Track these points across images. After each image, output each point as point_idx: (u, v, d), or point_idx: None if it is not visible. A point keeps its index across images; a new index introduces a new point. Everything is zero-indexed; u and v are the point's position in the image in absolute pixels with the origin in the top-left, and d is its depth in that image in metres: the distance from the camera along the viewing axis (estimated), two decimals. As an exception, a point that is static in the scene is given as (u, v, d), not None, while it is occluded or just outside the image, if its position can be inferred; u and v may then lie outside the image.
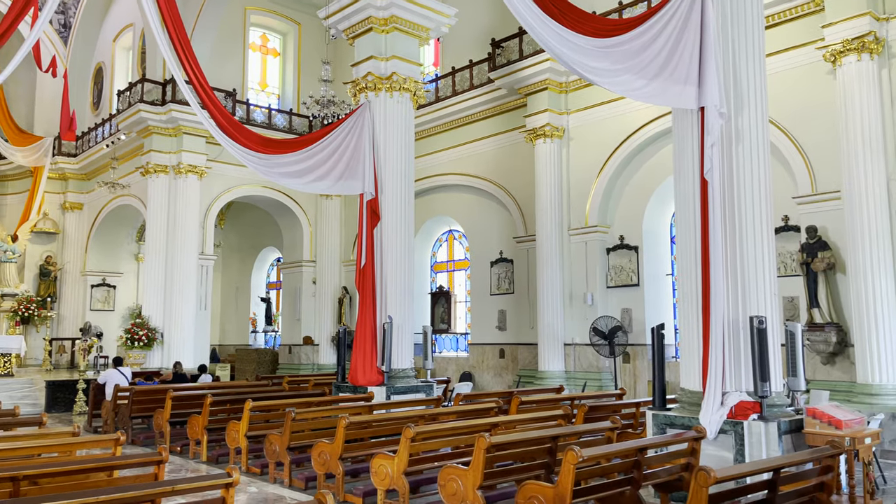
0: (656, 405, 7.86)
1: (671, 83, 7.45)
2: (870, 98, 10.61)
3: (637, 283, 14.53)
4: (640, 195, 14.70)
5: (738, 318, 7.30)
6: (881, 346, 10.19)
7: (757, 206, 7.53)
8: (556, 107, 15.38)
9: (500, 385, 16.36)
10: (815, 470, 5.72)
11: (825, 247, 11.20)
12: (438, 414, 9.06)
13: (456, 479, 6.12)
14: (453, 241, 19.54)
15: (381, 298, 11.38)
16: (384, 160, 11.81)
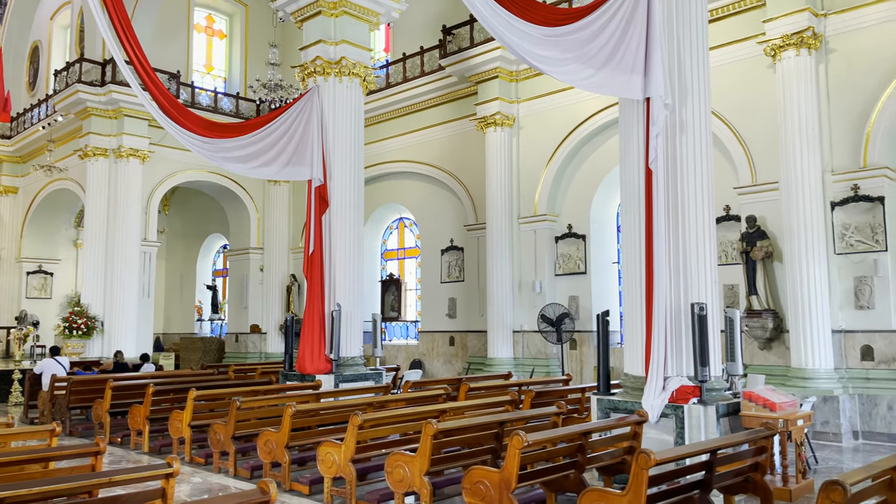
0: (601, 390, 8.01)
1: (618, 73, 7.55)
2: (807, 92, 10.95)
3: (584, 271, 14.75)
4: (588, 184, 14.89)
5: (679, 305, 7.48)
6: (814, 332, 10.59)
7: (699, 196, 7.71)
8: (506, 95, 15.44)
9: (449, 372, 16.44)
10: (750, 451, 5.92)
11: (764, 236, 11.56)
12: (387, 401, 9.05)
13: (403, 465, 6.13)
14: (404, 229, 19.49)
15: (330, 286, 11.28)
16: (333, 146, 11.67)
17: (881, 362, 10.46)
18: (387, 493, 6.53)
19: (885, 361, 10.44)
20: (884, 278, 10.50)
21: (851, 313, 10.73)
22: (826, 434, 10.18)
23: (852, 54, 10.94)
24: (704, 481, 5.40)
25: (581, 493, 4.91)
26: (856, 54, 10.91)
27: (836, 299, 10.81)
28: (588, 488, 4.99)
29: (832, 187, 10.98)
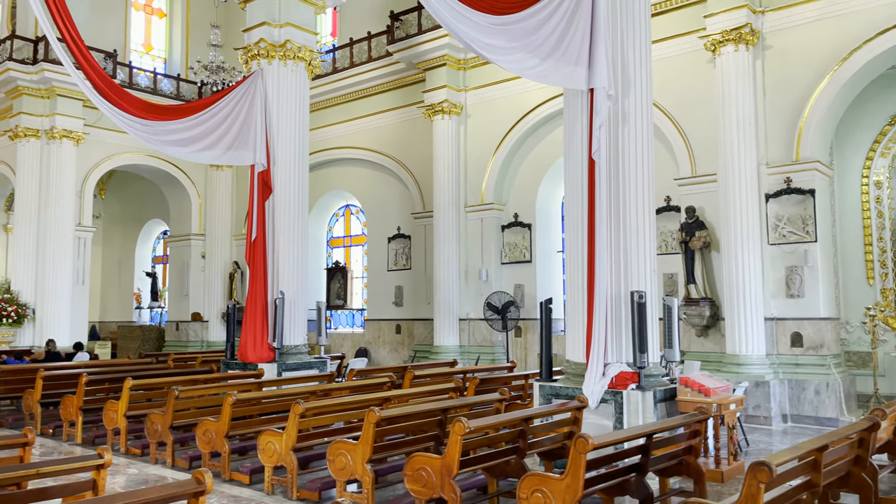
0: (543, 377, 8.12)
1: (563, 63, 7.61)
2: (744, 87, 11.27)
3: (530, 259, 14.91)
4: (534, 174, 15.03)
5: (620, 293, 7.63)
6: (748, 319, 10.96)
7: (640, 187, 7.85)
8: (454, 83, 15.42)
9: (395, 360, 16.43)
10: (684, 434, 6.09)
11: (702, 226, 11.88)
12: (331, 389, 8.99)
13: (345, 453, 6.10)
14: (350, 216, 19.32)
15: (273, 273, 11.10)
16: (277, 131, 11.45)
17: (809, 348, 10.91)
18: (329, 482, 6.49)
19: (812, 348, 10.89)
20: (813, 268, 10.93)
21: (783, 302, 11.15)
22: (757, 417, 10.57)
23: (788, 51, 11.30)
24: (641, 464, 5.53)
25: (521, 478, 4.97)
26: (791, 51, 11.27)
27: (769, 288, 11.20)
28: (528, 473, 5.06)
29: (767, 180, 11.35)
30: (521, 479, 4.97)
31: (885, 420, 6.45)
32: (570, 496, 4.71)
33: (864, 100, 11.75)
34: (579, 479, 4.69)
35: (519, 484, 4.96)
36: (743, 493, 3.99)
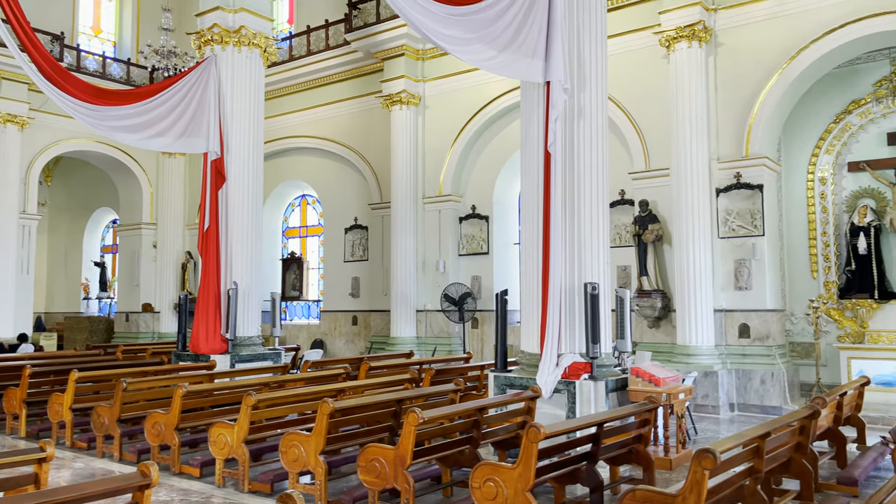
0: (498, 367, 8.18)
1: (520, 56, 7.64)
2: (697, 83, 11.48)
3: (487, 251, 14.97)
4: (492, 166, 15.08)
5: (574, 285, 7.73)
6: (698, 311, 11.21)
7: (595, 180, 7.96)
8: (412, 74, 15.35)
9: (352, 352, 16.35)
10: (634, 423, 6.21)
11: (655, 220, 12.09)
12: (285, 381, 8.89)
13: (298, 445, 6.04)
14: (306, 207, 19.11)
15: (226, 263, 10.92)
16: (231, 118, 11.24)
17: (756, 339, 11.22)
18: (281, 473, 6.43)
19: (759, 339, 11.20)
20: (760, 261, 11.23)
21: (731, 294, 11.43)
22: (706, 406, 10.84)
23: (739, 48, 11.55)
24: (591, 453, 5.62)
25: (474, 468, 5.00)
26: (742, 48, 11.52)
27: (719, 281, 11.48)
28: (481, 463, 5.10)
29: (717, 175, 11.60)
30: (473, 469, 5.00)
31: (826, 408, 6.69)
32: (522, 485, 4.76)
33: (811, 98, 12.09)
34: (531, 468, 4.74)
35: (472, 473, 4.99)
36: (688, 480, 4.09)
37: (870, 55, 11.70)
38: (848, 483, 6.33)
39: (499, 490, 4.83)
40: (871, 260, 11.52)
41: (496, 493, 4.83)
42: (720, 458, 4.12)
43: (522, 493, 4.76)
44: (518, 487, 4.77)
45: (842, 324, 11.88)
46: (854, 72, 12.07)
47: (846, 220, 12.03)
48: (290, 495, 2.97)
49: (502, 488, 4.82)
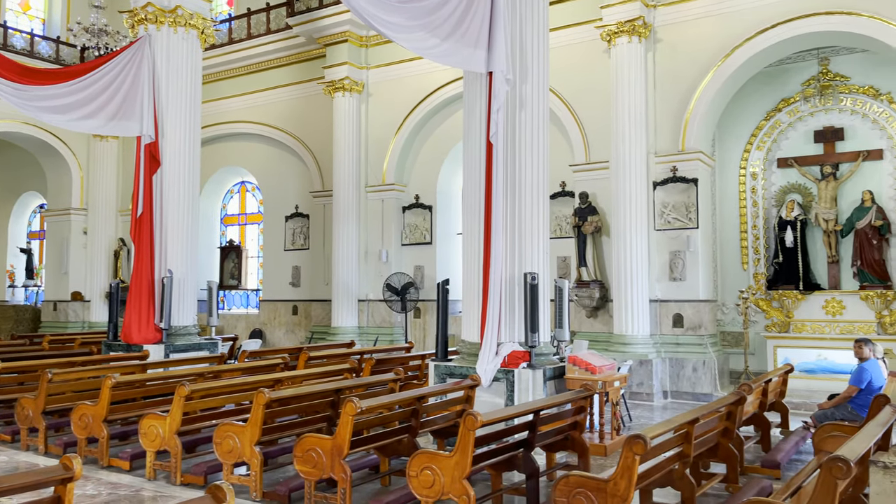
0: (439, 357, 8.21)
1: (462, 45, 7.63)
2: (637, 78, 11.70)
3: (430, 241, 14.96)
4: (435, 156, 15.06)
5: (514, 275, 7.80)
6: (634, 301, 11.48)
7: (535, 171, 8.03)
8: (356, 60, 15.17)
9: (292, 342, 16.13)
10: (570, 411, 6.32)
11: (594, 211, 12.30)
12: (221, 371, 8.72)
13: (233, 435, 5.93)
14: (246, 194, 18.71)
15: (161, 251, 10.59)
16: (166, 101, 10.89)
17: (689, 329, 11.57)
18: (215, 465, 6.30)
19: (692, 328, 11.55)
20: (694, 253, 11.57)
21: (666, 284, 11.74)
22: (641, 394, 11.13)
23: (676, 45, 11.82)
24: (528, 440, 5.70)
25: (411, 457, 5.00)
26: (680, 45, 11.80)
27: (654, 272, 11.77)
28: (418, 451, 5.10)
29: (655, 168, 11.87)
30: (411, 458, 5.00)
31: (752, 395, 6.95)
32: (459, 472, 4.78)
33: (744, 95, 12.48)
34: (467, 456, 4.77)
35: (409, 462, 4.99)
36: (620, 465, 4.18)
37: (799, 55, 12.15)
38: (771, 466, 6.60)
39: (436, 478, 4.84)
40: (797, 253, 12.00)
41: (433, 482, 4.85)
42: (650, 443, 4.23)
43: (459, 480, 4.79)
44: (455, 475, 4.80)
45: (769, 314, 12.35)
46: (784, 71, 12.51)
47: (775, 214, 12.49)
48: (220, 486, 2.90)
49: (439, 476, 4.83)
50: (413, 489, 4.95)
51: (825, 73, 12.16)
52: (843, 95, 12.06)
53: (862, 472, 4.21)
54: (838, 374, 10.88)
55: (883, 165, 11.78)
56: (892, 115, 11.67)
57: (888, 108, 11.70)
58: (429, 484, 4.86)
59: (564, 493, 4.29)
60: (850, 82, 12.03)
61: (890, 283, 11.42)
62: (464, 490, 4.76)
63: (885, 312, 11.36)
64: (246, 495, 5.94)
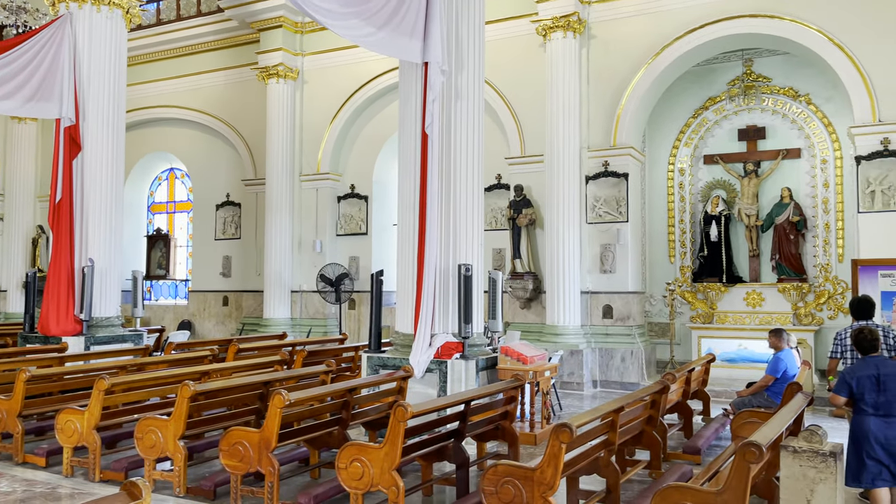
0: (372, 348, 8.17)
1: (398, 35, 7.57)
2: (571, 73, 11.87)
3: (366, 231, 14.85)
4: (372, 145, 14.93)
5: (448, 266, 7.82)
6: (566, 293, 11.69)
7: (470, 163, 8.06)
8: (290, 47, 14.87)
9: (222, 333, 15.75)
10: (501, 400, 6.39)
11: (529, 204, 12.45)
12: (145, 364, 8.45)
13: (155, 430, 5.75)
14: (174, 181, 18.13)
15: (82, 239, 10.15)
16: (88, 83, 10.41)
17: (618, 320, 11.86)
18: (137, 461, 6.09)
19: (621, 319, 11.85)
20: (624, 246, 11.86)
21: (597, 277, 12.00)
22: (571, 384, 11.36)
23: (610, 41, 12.04)
24: (459, 430, 5.73)
25: (341, 448, 4.96)
26: (613, 42, 12.02)
27: (586, 264, 12.01)
28: (348, 443, 5.06)
29: (587, 163, 12.09)
30: (340, 450, 4.95)
31: (675, 384, 7.19)
32: (388, 463, 4.77)
33: (673, 93, 12.83)
34: (397, 447, 4.76)
35: (338, 454, 4.94)
36: (546, 453, 4.25)
37: (725, 56, 12.57)
38: (692, 452, 6.84)
39: (365, 470, 4.82)
40: (721, 246, 12.45)
41: (362, 473, 4.82)
42: (576, 431, 4.31)
43: (389, 471, 4.77)
44: (384, 466, 4.78)
45: (694, 305, 12.79)
46: (711, 71, 12.92)
47: (701, 209, 12.92)
48: (135, 483, 2.79)
49: (368, 468, 4.81)
50: (342, 481, 4.91)
51: (749, 73, 12.62)
52: (766, 96, 12.55)
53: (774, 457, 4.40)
54: (757, 363, 11.37)
55: (801, 164, 12.33)
56: (809, 115, 12.22)
57: (806, 108, 12.24)
58: (358, 476, 4.83)
59: (492, 482, 4.33)
60: (771, 83, 12.52)
61: (805, 276, 11.99)
62: (393, 481, 4.75)
63: (801, 304, 11.92)
64: (169, 491, 5.78)
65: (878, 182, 10.00)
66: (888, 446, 4.79)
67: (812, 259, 12.08)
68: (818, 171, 12.13)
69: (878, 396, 4.85)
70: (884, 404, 4.84)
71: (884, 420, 4.83)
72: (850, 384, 4.95)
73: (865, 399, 4.88)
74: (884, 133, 10.00)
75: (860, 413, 4.93)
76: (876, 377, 4.88)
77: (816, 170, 12.15)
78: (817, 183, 12.13)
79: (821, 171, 12.11)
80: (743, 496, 3.52)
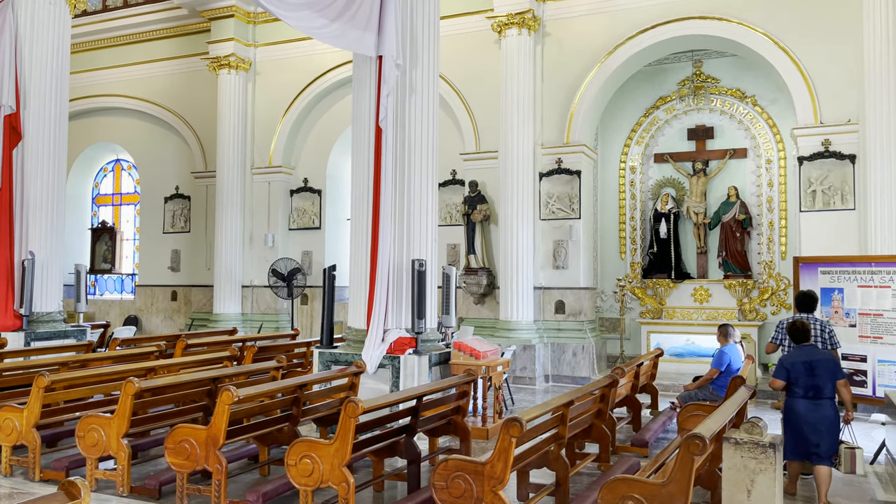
0: (324, 343, 8.10)
1: (351, 27, 7.51)
2: (525, 70, 11.94)
3: (319, 226, 14.70)
4: (325, 139, 14.77)
5: (402, 262, 7.80)
6: (519, 288, 11.78)
7: (425, 157, 8.04)
8: (242, 37, 14.60)
9: (170, 329, 15.41)
10: (454, 395, 6.40)
11: (483, 200, 12.50)
12: (89, 360, 8.19)
13: (98, 428, 5.58)
14: (121, 172, 17.63)
15: (22, 231, 9.80)
16: (29, 70, 10.05)
17: (570, 315, 12.01)
18: (79, 460, 5.91)
19: (573, 314, 12.01)
20: (576, 242, 12.01)
21: (550, 272, 12.13)
22: (524, 378, 11.46)
23: (564, 39, 12.16)
24: (410, 425, 5.72)
25: (290, 445, 4.90)
26: (567, 40, 12.14)
27: (539, 260, 12.12)
28: (298, 439, 5.00)
29: (541, 160, 12.20)
30: (290, 446, 4.89)
31: (624, 378, 7.31)
32: (339, 460, 4.73)
33: (625, 92, 13.04)
34: (348, 443, 4.73)
35: (288, 450, 4.88)
36: (497, 447, 4.28)
37: (676, 56, 12.82)
38: (640, 445, 6.98)
39: (315, 466, 4.77)
40: (670, 243, 12.71)
41: (312, 470, 4.77)
42: (526, 426, 4.35)
43: (339, 467, 4.74)
44: (335, 462, 4.74)
45: (644, 301, 13.04)
46: (663, 71, 13.17)
47: (651, 206, 13.17)
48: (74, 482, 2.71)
49: (319, 464, 4.76)
50: (291, 478, 4.85)
51: (699, 74, 12.91)
52: (714, 96, 12.85)
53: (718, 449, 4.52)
54: (704, 357, 11.64)
55: (747, 163, 12.67)
56: (755, 116, 12.56)
57: (752, 110, 12.58)
58: (308, 472, 4.78)
59: (443, 477, 4.34)
60: (720, 84, 12.82)
61: (750, 272, 12.34)
62: (343, 477, 4.71)
63: (746, 300, 12.27)
64: (113, 490, 5.63)
65: (818, 182, 10.34)
66: (815, 424, 5.37)
67: (757, 256, 12.44)
68: (763, 171, 12.49)
69: (808, 381, 5.42)
70: (813, 388, 5.42)
71: (812, 402, 5.42)
72: (788, 369, 5.52)
73: (798, 383, 5.46)
74: (825, 135, 10.35)
75: (792, 395, 5.52)
76: (808, 363, 5.44)
77: (762, 169, 12.50)
78: (762, 182, 12.49)
79: (766, 171, 12.47)
80: (687, 487, 3.61)
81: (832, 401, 5.47)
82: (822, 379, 5.38)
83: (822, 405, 5.39)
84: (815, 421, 5.35)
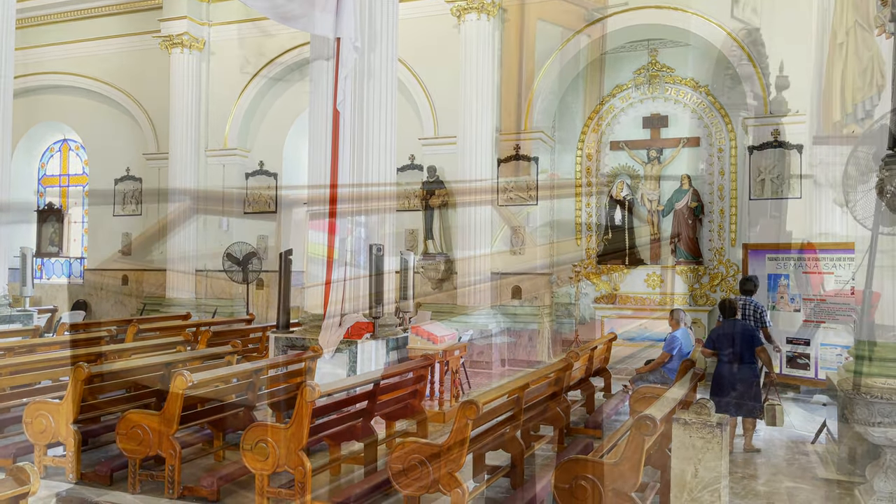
0: (280, 328, 8.04)
1: (309, 7, 7.41)
2: (485, 56, 11.94)
3: (275, 210, 14.51)
4: (283, 121, 14.56)
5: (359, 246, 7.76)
6: (477, 273, 11.86)
7: (383, 141, 8.01)
8: (196, 16, 14.24)
9: (122, 313, 15.07)
10: (411, 379, 6.43)
11: (442, 185, 12.50)
12: (35, 345, 7.98)
13: (46, 414, 5.45)
14: (68, 153, 17.08)
15: (-37, 212, 9.44)
16: (-30, 43, 9.63)
17: (526, 300, 12.15)
18: (27, 447, 5.76)
19: (529, 299, 12.15)
20: (533, 228, 12.13)
21: (507, 258, 12.23)
22: (481, 362, 11.56)
23: (523, 26, 12.18)
24: (367, 409, 5.73)
25: (246, 429, 4.86)
26: (525, 26, 12.17)
27: (497, 245, 12.20)
28: (253, 424, 4.97)
29: (500, 146, 12.25)
30: (245, 431, 4.86)
31: (579, 361, 7.44)
32: (295, 444, 4.72)
33: (583, 79, 13.14)
34: (304, 427, 4.72)
35: (243, 435, 4.85)
36: (453, 430, 4.32)
37: (633, 45, 12.95)
38: (593, 426, 7.13)
39: (271, 450, 4.75)
40: (624, 230, 12.92)
41: (268, 454, 4.75)
42: (482, 408, 4.40)
43: (295, 452, 4.72)
44: (291, 447, 4.73)
45: (598, 286, 13.24)
46: (619, 59, 13.29)
47: (606, 193, 13.34)
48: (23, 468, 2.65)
49: (275, 448, 4.74)
50: (247, 463, 4.83)
51: (654, 63, 13.07)
52: (669, 85, 13.04)
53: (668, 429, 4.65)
54: (657, 341, 11.91)
55: (699, 152, 12.92)
56: (708, 106, 12.81)
57: (705, 99, 12.82)
58: (264, 457, 4.76)
59: (400, 460, 4.37)
60: (674, 73, 13.01)
61: (701, 259, 12.63)
62: (300, 461, 4.70)
63: (696, 286, 12.57)
64: (62, 477, 5.51)
65: (767, 171, 10.63)
66: (735, 384, 6.55)
67: (708, 243, 12.73)
68: (715, 160, 12.76)
69: (730, 349, 6.60)
70: (731, 355, 6.62)
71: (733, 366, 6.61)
72: (714, 340, 6.82)
73: (723, 350, 6.67)
74: (774, 125, 10.63)
75: (720, 361, 6.74)
76: (730, 335, 6.66)
77: (714, 158, 12.77)
78: (714, 171, 12.76)
79: (717, 160, 12.74)
80: (637, 466, 3.71)
81: (750, 365, 6.64)
82: (742, 347, 6.57)
83: (742, 369, 6.58)
84: (735, 381, 6.52)
